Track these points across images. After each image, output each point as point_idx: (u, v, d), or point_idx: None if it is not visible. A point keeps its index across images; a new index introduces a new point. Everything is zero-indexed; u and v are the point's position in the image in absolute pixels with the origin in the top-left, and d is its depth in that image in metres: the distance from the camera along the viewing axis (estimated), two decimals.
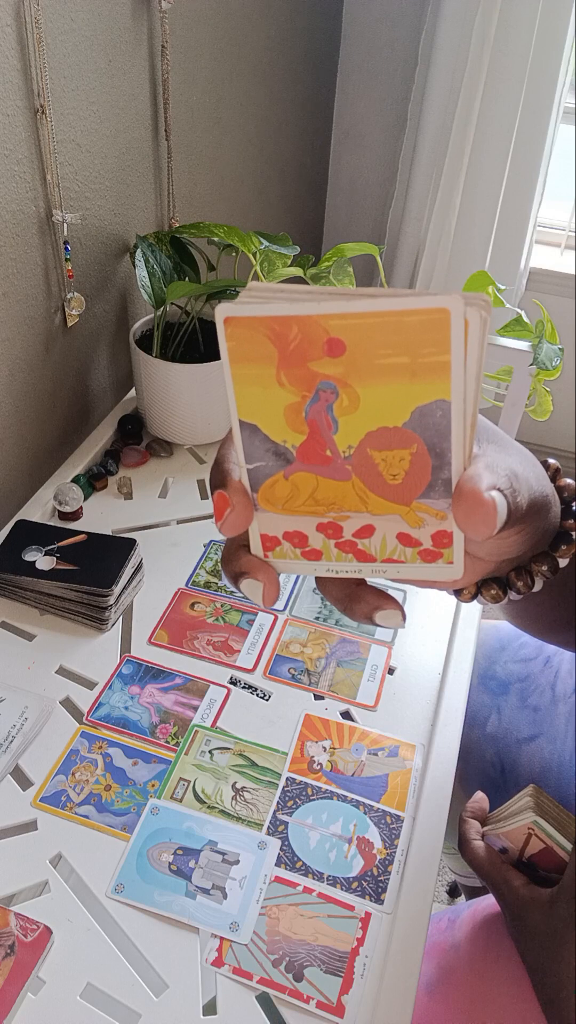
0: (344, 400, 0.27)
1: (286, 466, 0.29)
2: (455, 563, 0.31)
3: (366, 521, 0.30)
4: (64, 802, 0.62)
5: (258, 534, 0.31)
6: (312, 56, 1.59)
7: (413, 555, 0.31)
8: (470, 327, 0.25)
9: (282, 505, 0.30)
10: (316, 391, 0.27)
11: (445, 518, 0.29)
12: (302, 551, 0.31)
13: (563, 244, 2.01)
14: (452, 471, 0.28)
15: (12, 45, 0.73)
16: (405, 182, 1.78)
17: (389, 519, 0.30)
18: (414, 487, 0.29)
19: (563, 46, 1.55)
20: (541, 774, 0.76)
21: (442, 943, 0.63)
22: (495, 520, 0.28)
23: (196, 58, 1.10)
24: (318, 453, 0.29)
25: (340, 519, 0.30)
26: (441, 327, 0.25)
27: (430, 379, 0.26)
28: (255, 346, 0.26)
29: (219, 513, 0.30)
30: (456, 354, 0.25)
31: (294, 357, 0.27)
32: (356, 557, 0.31)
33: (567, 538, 0.36)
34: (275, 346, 0.26)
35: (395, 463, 0.28)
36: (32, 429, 0.93)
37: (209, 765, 0.65)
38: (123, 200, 0.99)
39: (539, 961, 0.54)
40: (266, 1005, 0.52)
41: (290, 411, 0.28)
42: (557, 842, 0.57)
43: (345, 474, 0.29)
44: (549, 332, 1.04)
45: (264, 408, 0.28)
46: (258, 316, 0.26)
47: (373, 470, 0.29)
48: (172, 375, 0.92)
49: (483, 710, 0.82)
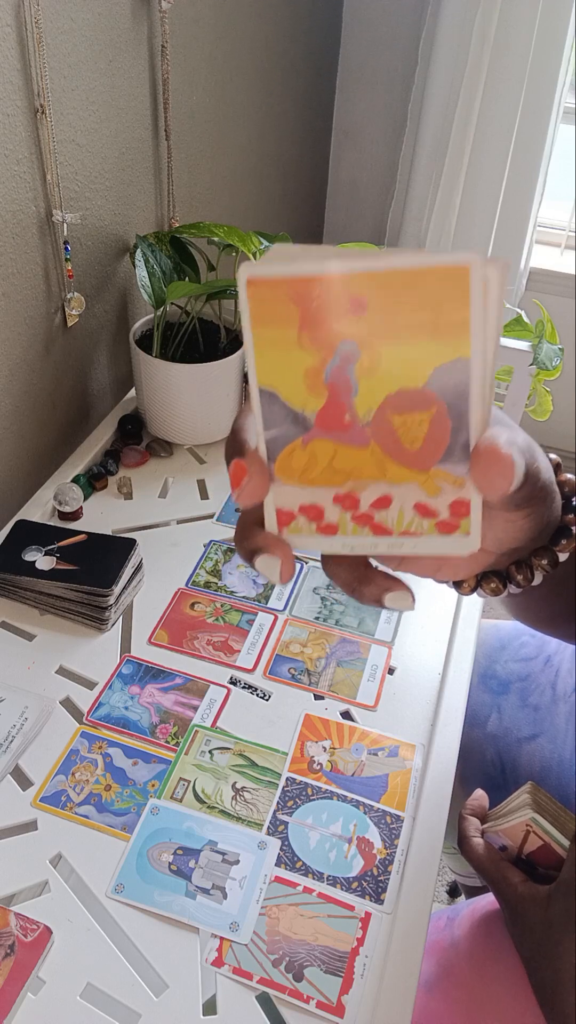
0: (365, 361, 0.27)
1: (304, 433, 0.29)
2: (472, 534, 0.30)
3: (383, 491, 0.30)
4: (64, 802, 0.62)
5: (273, 508, 0.31)
6: (312, 56, 1.59)
7: (430, 527, 0.30)
8: (489, 284, 0.25)
9: (299, 475, 0.30)
10: (337, 352, 0.27)
11: (463, 485, 0.29)
12: (317, 526, 0.31)
13: (563, 244, 2.01)
14: (471, 434, 0.28)
15: (12, 45, 0.73)
16: (405, 182, 1.78)
17: (407, 488, 0.29)
18: (433, 452, 0.28)
19: (563, 46, 1.55)
20: (541, 773, 0.76)
21: (441, 941, 0.63)
22: (512, 475, 0.28)
23: (196, 58, 1.10)
24: (337, 418, 0.28)
25: (357, 489, 0.30)
26: (461, 284, 0.25)
27: (450, 337, 0.26)
28: (277, 307, 0.26)
29: (236, 482, 0.29)
30: (475, 311, 0.26)
31: (316, 317, 0.26)
32: (372, 531, 0.31)
33: (567, 532, 0.36)
34: (297, 307, 0.26)
35: (414, 426, 0.28)
36: (32, 429, 0.94)
37: (209, 765, 0.65)
38: (123, 200, 0.99)
39: (536, 957, 0.55)
40: (266, 1005, 0.52)
41: (310, 374, 0.28)
42: (555, 839, 0.57)
43: (364, 440, 0.29)
44: (549, 332, 1.04)
45: (284, 372, 0.28)
46: (281, 276, 0.26)
47: (392, 435, 0.28)
48: (172, 375, 0.92)
49: (483, 709, 0.82)
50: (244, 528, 0.32)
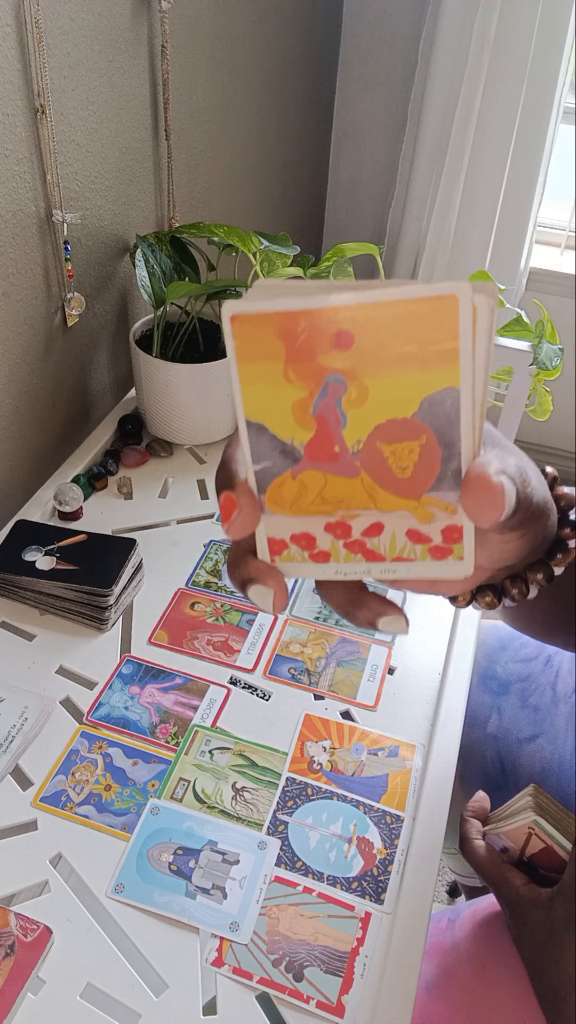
0: (352, 393, 0.27)
1: (293, 465, 0.29)
2: (465, 559, 0.30)
3: (375, 518, 0.30)
4: (64, 802, 0.62)
5: (265, 538, 0.31)
6: (312, 56, 1.59)
7: (423, 552, 0.30)
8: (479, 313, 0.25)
9: (290, 506, 0.30)
10: (324, 385, 0.27)
11: (455, 512, 0.29)
12: (310, 553, 0.31)
13: (563, 244, 2.01)
14: (462, 461, 0.28)
15: (12, 45, 0.73)
16: (405, 182, 1.78)
17: (398, 515, 0.29)
18: (424, 480, 0.28)
19: (563, 46, 1.55)
20: (542, 774, 0.76)
21: (442, 943, 0.63)
22: (503, 504, 0.27)
23: (196, 58, 1.10)
24: (326, 449, 0.28)
25: (349, 518, 0.30)
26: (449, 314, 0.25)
27: (439, 367, 0.26)
28: (263, 343, 0.26)
29: (226, 515, 0.29)
30: (464, 340, 0.25)
31: (302, 352, 0.26)
32: (365, 557, 0.31)
33: (563, 547, 0.36)
34: (283, 342, 0.26)
35: (404, 456, 0.28)
36: (32, 429, 0.94)
37: (209, 765, 0.65)
38: (123, 200, 0.99)
39: (538, 960, 0.54)
40: (266, 1005, 0.52)
41: (298, 407, 0.27)
42: (557, 842, 0.57)
43: (354, 470, 0.29)
44: (549, 332, 1.04)
45: (272, 406, 0.28)
46: (265, 312, 0.26)
47: (382, 464, 0.28)
48: (172, 375, 0.92)
49: (483, 710, 0.82)
50: (236, 556, 0.32)
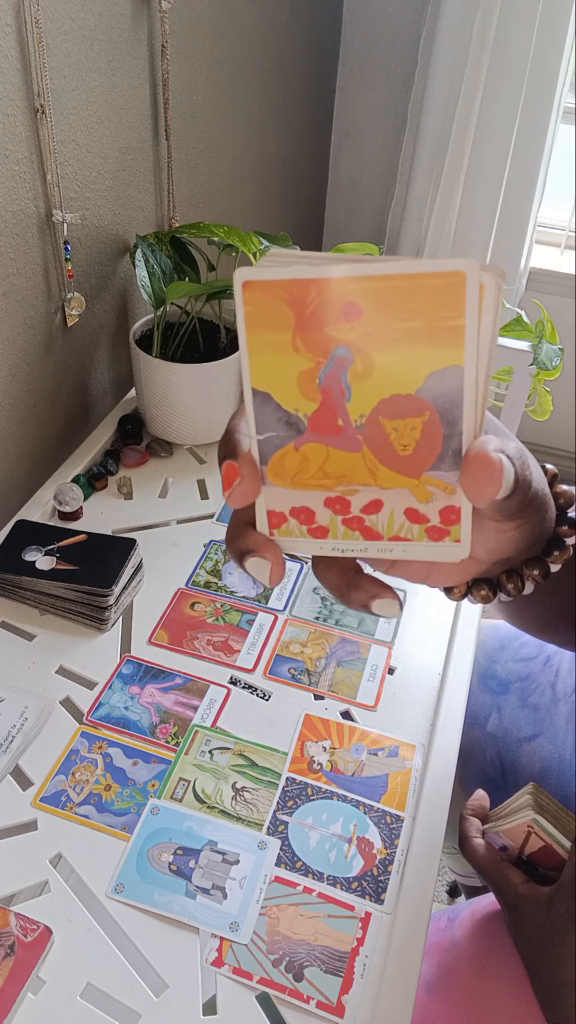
0: (359, 366, 0.27)
1: (297, 436, 0.29)
2: (462, 541, 0.30)
3: (375, 495, 0.30)
4: (64, 802, 0.62)
5: (265, 510, 0.31)
6: (312, 56, 1.59)
7: (420, 532, 0.30)
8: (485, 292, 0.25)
9: (291, 478, 0.30)
10: (331, 357, 0.27)
11: (454, 492, 0.29)
12: (308, 528, 0.31)
13: (563, 244, 2.01)
14: (463, 440, 0.28)
15: (12, 45, 0.73)
16: (405, 182, 1.78)
17: (398, 493, 0.30)
18: (424, 458, 0.29)
19: (563, 46, 1.55)
20: (541, 773, 0.76)
21: (441, 942, 0.63)
22: (500, 480, 0.27)
23: (196, 58, 1.10)
24: (330, 422, 0.28)
25: (348, 493, 0.30)
26: (457, 290, 0.25)
27: (445, 344, 0.26)
28: (272, 311, 0.26)
29: (227, 483, 0.29)
30: (471, 318, 0.26)
31: (311, 322, 0.26)
32: (363, 535, 0.31)
33: (559, 544, 0.36)
34: (292, 311, 0.26)
35: (407, 432, 0.28)
36: (32, 429, 0.94)
37: (209, 765, 0.65)
38: (123, 200, 0.99)
39: (537, 958, 0.55)
40: (266, 1005, 0.52)
41: (304, 378, 0.28)
42: (556, 840, 0.57)
43: (356, 444, 0.29)
44: (549, 332, 1.04)
45: (278, 375, 0.28)
46: (277, 279, 0.26)
47: (384, 440, 0.28)
48: (172, 375, 0.92)
49: (483, 709, 0.82)
50: (235, 528, 0.32)
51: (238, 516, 0.32)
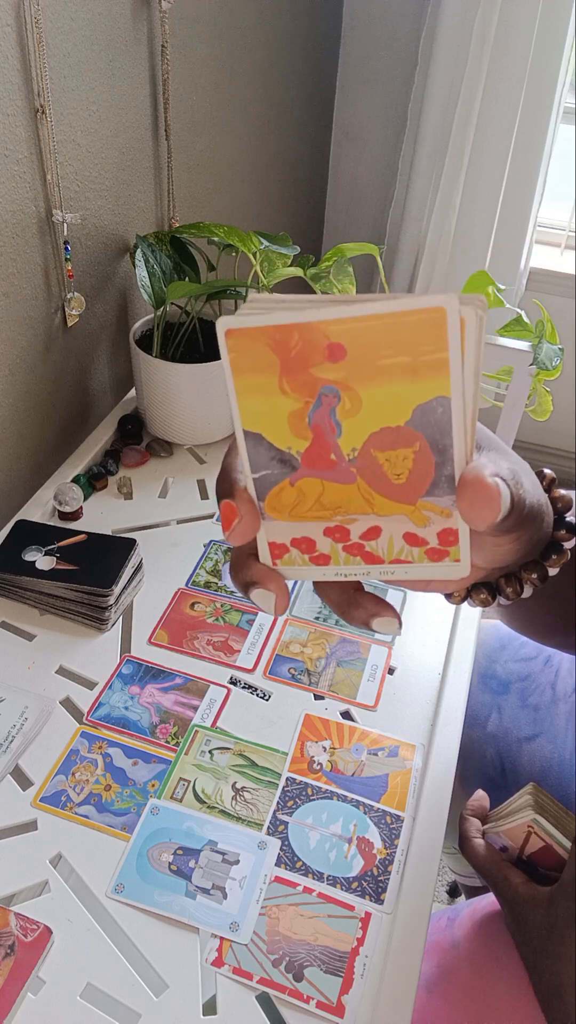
0: (346, 403, 0.28)
1: (291, 473, 0.30)
2: (462, 561, 0.31)
3: (373, 523, 0.30)
4: (64, 802, 0.62)
5: (266, 542, 0.32)
6: (312, 56, 1.59)
7: (420, 555, 0.31)
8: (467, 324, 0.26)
9: (289, 512, 0.31)
10: (319, 396, 0.28)
11: (450, 515, 0.30)
12: (310, 557, 0.32)
13: (563, 244, 2.01)
14: (455, 467, 0.29)
15: (12, 45, 0.73)
16: (405, 182, 1.78)
17: (395, 519, 0.30)
18: (418, 485, 0.29)
19: (563, 46, 1.55)
20: (541, 773, 0.76)
21: (442, 942, 0.63)
22: (499, 505, 0.28)
23: (196, 58, 1.10)
24: (323, 457, 0.29)
25: (347, 522, 0.31)
26: (438, 325, 0.26)
27: (430, 377, 0.27)
28: (257, 356, 0.27)
29: (227, 523, 0.30)
30: (453, 350, 0.26)
31: (296, 364, 0.27)
32: (364, 559, 0.32)
33: (557, 548, 0.36)
34: (276, 354, 0.27)
35: (399, 462, 0.29)
36: (32, 429, 0.94)
37: (209, 765, 0.65)
38: (123, 200, 0.99)
39: (538, 958, 0.55)
40: (266, 1005, 0.52)
41: (294, 418, 0.28)
42: (556, 840, 0.57)
43: (350, 477, 0.29)
44: (549, 332, 1.04)
45: (268, 416, 0.28)
46: (259, 326, 0.26)
47: (378, 471, 0.29)
48: (172, 375, 0.92)
49: (483, 709, 0.82)
50: (238, 560, 0.33)
51: (240, 548, 0.33)
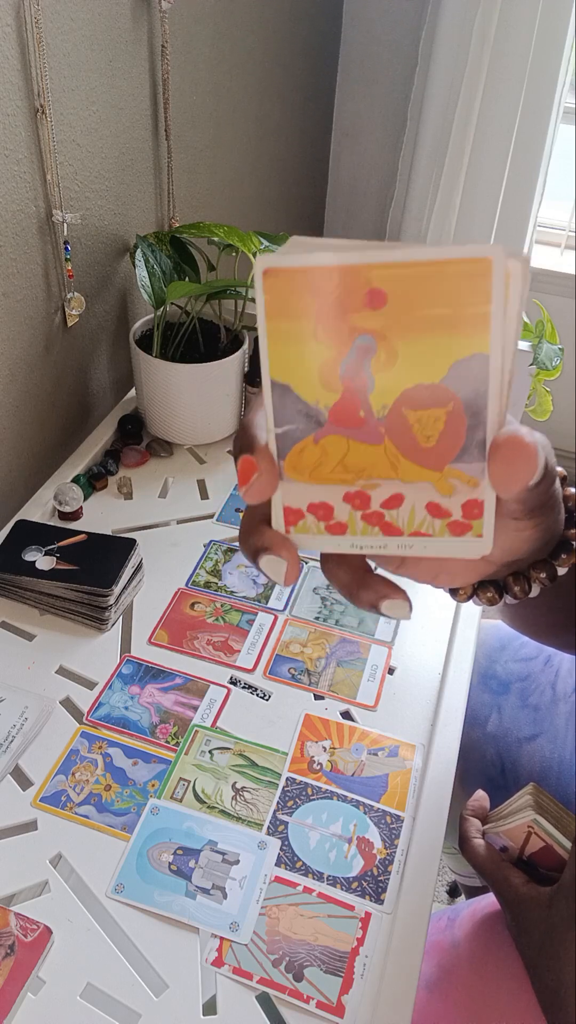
0: (382, 355, 0.26)
1: (317, 429, 0.28)
2: (484, 536, 0.29)
3: (396, 489, 0.29)
4: (64, 802, 0.62)
5: (281, 506, 0.30)
6: (312, 56, 1.59)
7: (442, 528, 0.30)
8: (511, 279, 0.25)
9: (310, 473, 0.29)
10: (354, 346, 0.26)
11: (477, 485, 0.28)
12: (326, 525, 0.30)
13: (563, 244, 2.01)
14: (487, 432, 0.27)
15: (12, 45, 0.73)
16: (405, 182, 1.78)
17: (420, 487, 0.29)
18: (448, 450, 0.28)
19: (563, 46, 1.55)
20: (541, 773, 0.76)
21: (442, 942, 0.63)
22: (536, 464, 0.27)
23: (196, 58, 1.10)
24: (352, 413, 0.28)
25: (369, 488, 0.29)
26: (483, 277, 0.25)
27: (470, 331, 0.25)
28: (293, 299, 0.26)
29: (245, 478, 0.28)
30: (496, 305, 0.25)
31: (334, 310, 0.26)
32: (382, 531, 0.30)
33: (567, 547, 0.35)
34: (314, 299, 0.26)
35: (430, 423, 0.27)
36: (32, 429, 0.94)
37: (209, 765, 0.65)
38: (123, 200, 0.99)
39: (538, 959, 0.55)
40: (266, 1005, 0.52)
41: (325, 368, 0.27)
42: (557, 840, 0.57)
43: (378, 436, 0.28)
44: (549, 332, 1.04)
45: (298, 366, 0.27)
46: (299, 267, 0.25)
47: (407, 432, 0.28)
48: (172, 375, 0.92)
49: (484, 709, 0.82)
50: (250, 525, 0.31)
51: (252, 512, 0.31)
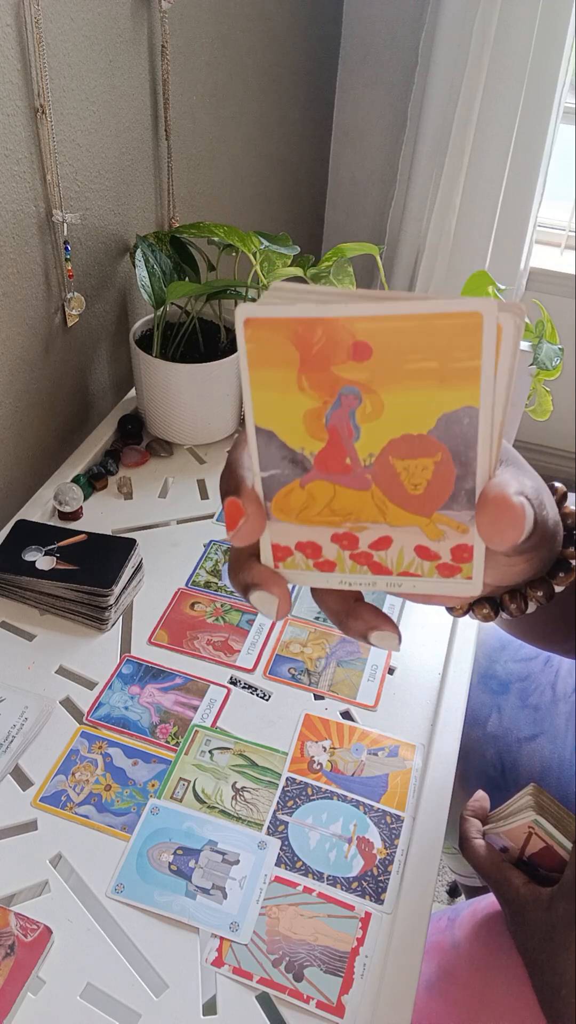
0: (368, 406, 0.26)
1: (303, 474, 0.28)
2: (474, 579, 0.29)
3: (384, 532, 0.29)
4: (64, 802, 0.62)
5: (270, 544, 0.30)
6: (312, 56, 1.59)
7: (431, 569, 0.29)
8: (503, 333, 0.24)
9: (297, 515, 0.29)
10: (339, 396, 0.26)
11: (467, 531, 0.28)
12: (315, 562, 0.30)
13: (563, 244, 2.01)
14: (476, 481, 0.27)
15: (12, 45, 0.73)
16: (405, 182, 1.78)
17: (408, 531, 0.29)
18: (436, 498, 0.28)
19: (563, 46, 1.55)
20: (541, 773, 0.76)
21: (442, 942, 0.63)
22: (523, 526, 0.26)
23: (196, 58, 1.10)
24: (337, 461, 0.27)
25: (357, 530, 0.29)
26: (473, 331, 0.24)
27: (459, 385, 0.25)
28: (276, 349, 0.25)
29: (232, 523, 0.28)
30: (487, 359, 0.25)
31: (317, 361, 0.26)
32: (371, 569, 0.30)
33: (566, 566, 0.35)
34: (297, 349, 0.25)
35: (418, 472, 0.27)
36: (32, 429, 0.94)
37: (209, 765, 0.65)
38: (123, 200, 0.99)
39: (539, 959, 0.55)
40: (266, 1005, 0.52)
41: (310, 417, 0.27)
42: (557, 841, 0.57)
43: (364, 483, 0.28)
44: (549, 332, 1.04)
45: (283, 414, 0.27)
46: (281, 318, 0.25)
47: (394, 479, 0.27)
48: (172, 375, 0.92)
49: (483, 709, 0.82)
50: (239, 560, 0.31)
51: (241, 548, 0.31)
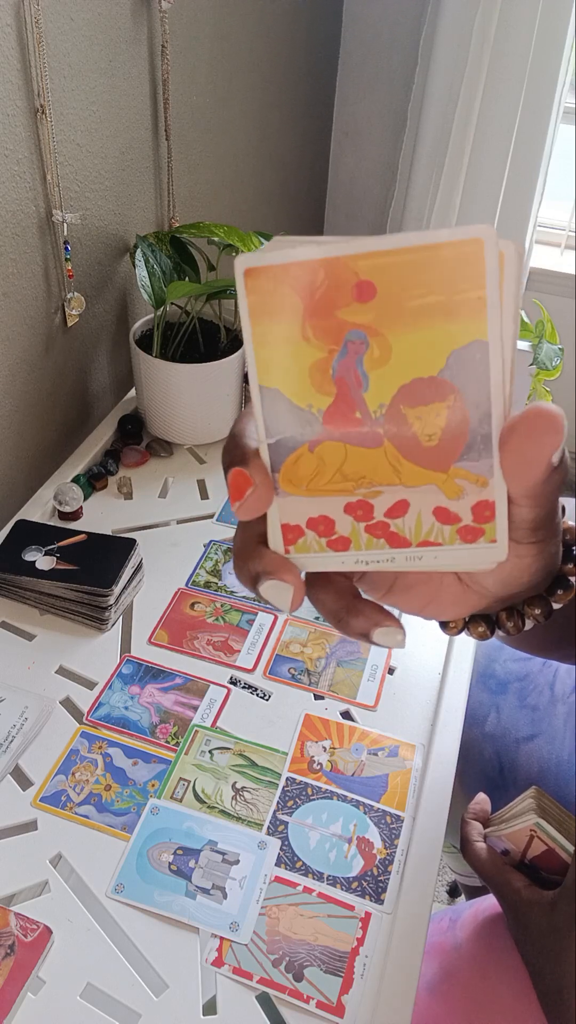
0: (375, 350, 0.25)
1: (311, 436, 0.27)
2: (499, 540, 0.28)
3: (400, 496, 0.27)
4: (64, 802, 0.62)
5: (279, 524, 0.28)
6: (312, 56, 1.59)
7: (452, 534, 0.28)
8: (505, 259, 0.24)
9: (307, 484, 0.27)
10: (344, 343, 0.25)
11: (486, 484, 0.27)
12: (328, 541, 0.28)
13: (563, 244, 2.01)
14: (492, 425, 0.26)
15: (12, 45, 0.73)
16: (405, 182, 1.78)
17: (425, 491, 0.27)
18: (452, 448, 0.26)
19: (563, 46, 1.55)
20: (540, 773, 0.76)
21: (444, 943, 0.63)
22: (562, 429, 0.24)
23: (196, 58, 1.10)
24: (347, 416, 0.26)
25: (371, 495, 0.27)
26: (475, 260, 0.23)
27: (466, 318, 0.24)
28: (278, 299, 0.24)
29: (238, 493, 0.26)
30: (492, 288, 0.24)
31: (321, 306, 0.25)
32: (388, 542, 0.28)
33: (564, 583, 0.33)
34: (300, 297, 0.24)
35: (431, 419, 0.26)
36: (32, 429, 0.93)
37: (209, 765, 0.65)
38: (123, 200, 0.99)
39: (540, 962, 0.54)
40: (266, 1005, 0.52)
41: (316, 369, 0.26)
42: (559, 844, 0.57)
43: (376, 439, 0.26)
44: (549, 332, 1.04)
45: (288, 369, 0.26)
46: (282, 264, 0.24)
47: (407, 431, 0.26)
48: (172, 375, 0.92)
49: (482, 709, 0.82)
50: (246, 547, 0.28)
51: (246, 533, 0.29)
